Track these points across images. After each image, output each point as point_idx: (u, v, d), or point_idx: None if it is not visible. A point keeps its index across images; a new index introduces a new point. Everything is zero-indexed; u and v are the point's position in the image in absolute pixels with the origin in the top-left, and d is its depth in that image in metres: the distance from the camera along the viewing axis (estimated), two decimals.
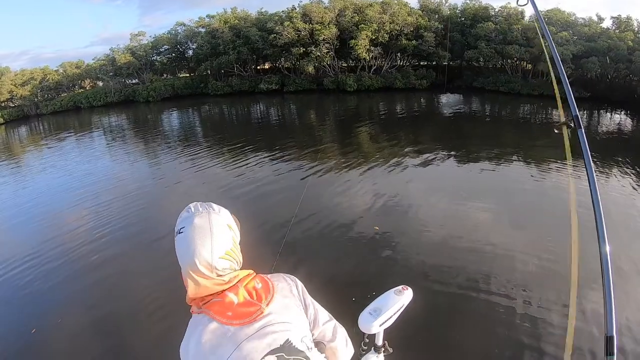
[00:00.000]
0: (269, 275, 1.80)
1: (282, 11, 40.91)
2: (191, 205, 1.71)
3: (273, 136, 22.88)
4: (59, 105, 49.52)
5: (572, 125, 2.34)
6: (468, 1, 38.17)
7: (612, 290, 1.87)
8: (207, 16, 45.35)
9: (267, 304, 1.61)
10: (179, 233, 1.61)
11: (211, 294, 1.58)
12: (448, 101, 29.83)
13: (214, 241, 1.58)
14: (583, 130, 2.28)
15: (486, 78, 32.52)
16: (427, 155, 15.50)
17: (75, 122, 41.63)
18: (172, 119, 35.77)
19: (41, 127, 42.92)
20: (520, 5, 3.12)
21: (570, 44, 28.30)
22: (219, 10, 45.31)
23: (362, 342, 2.73)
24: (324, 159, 16.23)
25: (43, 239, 10.90)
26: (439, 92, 32.32)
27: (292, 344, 1.58)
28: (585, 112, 24.90)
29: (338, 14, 36.98)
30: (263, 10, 44.38)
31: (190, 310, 1.65)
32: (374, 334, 2.62)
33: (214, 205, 1.71)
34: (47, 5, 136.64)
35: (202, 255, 1.55)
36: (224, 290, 1.57)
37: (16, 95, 50.09)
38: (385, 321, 2.45)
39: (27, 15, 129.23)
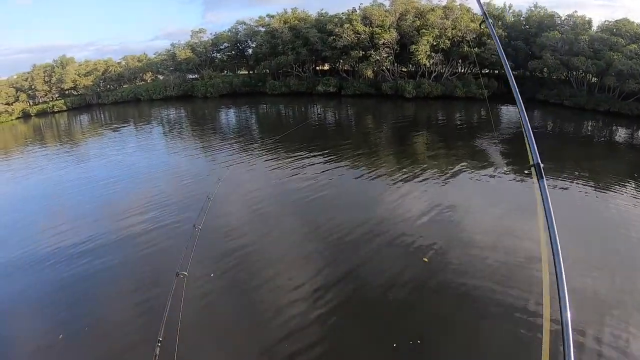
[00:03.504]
0: None
1: (342, 13, 42.92)
2: None
3: (329, 138, 24.67)
4: (120, 96, 53.47)
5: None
6: (533, 8, 38.49)
7: None
8: (267, 15, 47.95)
9: None
10: None
11: None
12: (508, 114, 30.44)
13: None
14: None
15: (550, 90, 32.93)
16: (482, 169, 16.85)
17: (135, 113, 45.08)
18: (229, 115, 38.32)
19: (102, 116, 46.66)
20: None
21: None
22: (280, 10, 47.89)
23: None
24: (378, 165, 17.88)
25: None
26: (500, 103, 33.00)
27: None
28: None
29: (399, 18, 38.31)
30: (323, 11, 46.55)
31: None
32: None
33: None
34: None
35: None
36: None
37: (79, 85, 54.31)
38: None
39: (96, 8, 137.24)
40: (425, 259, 9.97)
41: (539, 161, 2.40)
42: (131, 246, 11.86)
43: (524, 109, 2.81)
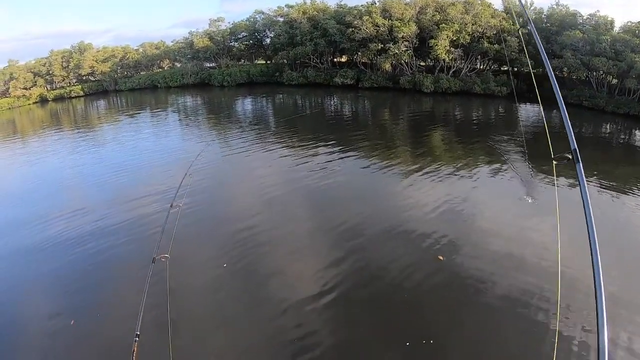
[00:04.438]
0: None
1: (362, 5, 43.26)
2: None
3: (344, 130, 25.18)
4: (137, 83, 54.30)
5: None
6: (555, 6, 38.39)
7: None
8: (286, 6, 48.24)
9: None
10: None
11: None
12: (527, 112, 30.58)
13: None
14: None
15: (569, 90, 32.94)
16: (499, 165, 17.23)
17: (151, 100, 45.96)
18: (245, 104, 38.91)
19: (118, 102, 47.58)
20: None
21: None
22: (298, 1, 47.98)
23: None
24: (392, 157, 18.39)
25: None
26: (519, 101, 33.15)
27: None
28: None
29: (419, 12, 38.52)
30: (342, 2, 46.91)
31: None
32: None
33: None
34: None
35: None
36: None
37: (97, 71, 55.32)
38: None
39: None
40: (441, 257, 10.23)
41: (576, 147, 2.63)
42: (137, 226, 12.61)
43: (562, 99, 3.08)
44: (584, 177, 2.54)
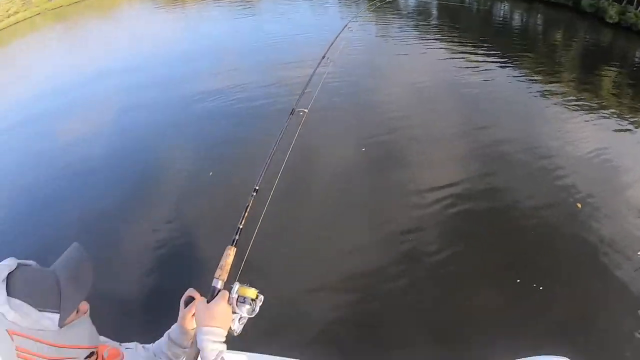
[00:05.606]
0: None
1: None
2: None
3: (509, 41, 24.27)
4: None
5: None
6: None
7: None
8: None
9: None
10: None
11: None
12: None
13: None
14: None
15: None
16: None
17: None
18: None
19: None
20: None
21: None
22: None
23: None
24: (554, 85, 17.78)
25: None
26: None
27: None
28: None
29: None
30: None
31: None
32: None
33: None
34: None
35: None
36: None
37: None
38: None
39: None
40: (579, 205, 10.07)
41: None
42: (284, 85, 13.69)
43: None
44: None
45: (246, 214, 2.25)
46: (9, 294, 1.26)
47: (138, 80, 18.08)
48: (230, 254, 2.02)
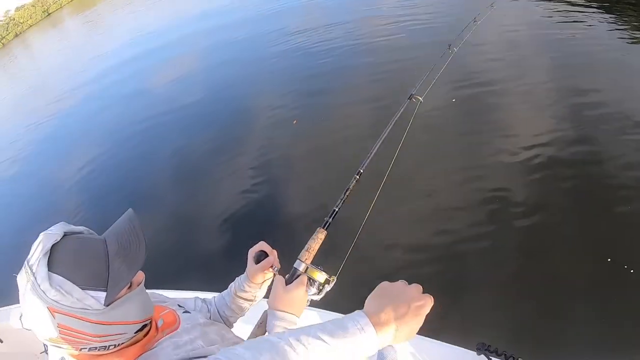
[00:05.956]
0: None
1: None
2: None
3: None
4: None
5: None
6: None
7: None
8: None
9: None
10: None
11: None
12: None
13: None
14: None
15: None
16: None
17: None
18: None
19: None
20: None
21: None
22: None
23: None
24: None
25: None
26: None
27: None
28: None
29: None
30: None
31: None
32: None
33: (40, 274, 1.14)
34: None
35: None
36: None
37: None
38: None
39: None
40: None
41: None
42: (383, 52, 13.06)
43: None
44: None
45: (345, 197, 2.02)
46: (50, 268, 1.15)
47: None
48: (321, 237, 1.81)
